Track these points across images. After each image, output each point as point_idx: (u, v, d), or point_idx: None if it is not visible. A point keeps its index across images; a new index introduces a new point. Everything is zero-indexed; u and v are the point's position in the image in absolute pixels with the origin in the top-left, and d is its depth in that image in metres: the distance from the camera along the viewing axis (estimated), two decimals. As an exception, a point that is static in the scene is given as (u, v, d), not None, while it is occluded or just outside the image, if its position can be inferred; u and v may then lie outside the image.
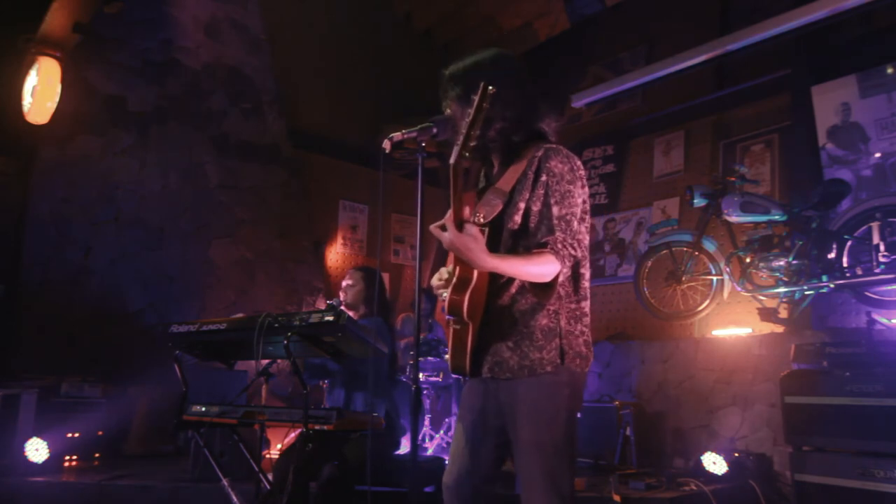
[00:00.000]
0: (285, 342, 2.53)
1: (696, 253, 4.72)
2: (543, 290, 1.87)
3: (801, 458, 3.47)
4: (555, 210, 1.86)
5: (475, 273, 1.84)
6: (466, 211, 1.79)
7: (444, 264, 2.00)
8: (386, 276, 7.13)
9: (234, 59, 6.19)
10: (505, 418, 1.92)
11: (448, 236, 1.73)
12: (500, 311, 1.92)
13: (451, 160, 1.76)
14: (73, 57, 5.33)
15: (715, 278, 4.67)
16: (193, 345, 2.95)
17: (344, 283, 3.65)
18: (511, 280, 1.91)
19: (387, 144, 2.06)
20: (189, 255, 5.70)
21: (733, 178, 4.57)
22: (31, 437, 3.92)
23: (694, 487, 3.65)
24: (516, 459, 1.90)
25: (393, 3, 7.72)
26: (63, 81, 5.16)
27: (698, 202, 4.65)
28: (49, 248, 5.19)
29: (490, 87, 1.69)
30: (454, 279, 1.84)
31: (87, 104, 5.45)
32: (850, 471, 3.24)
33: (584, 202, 1.93)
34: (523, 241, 1.91)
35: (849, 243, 4.17)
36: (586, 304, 1.97)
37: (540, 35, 7.58)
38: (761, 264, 4.42)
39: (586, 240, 1.93)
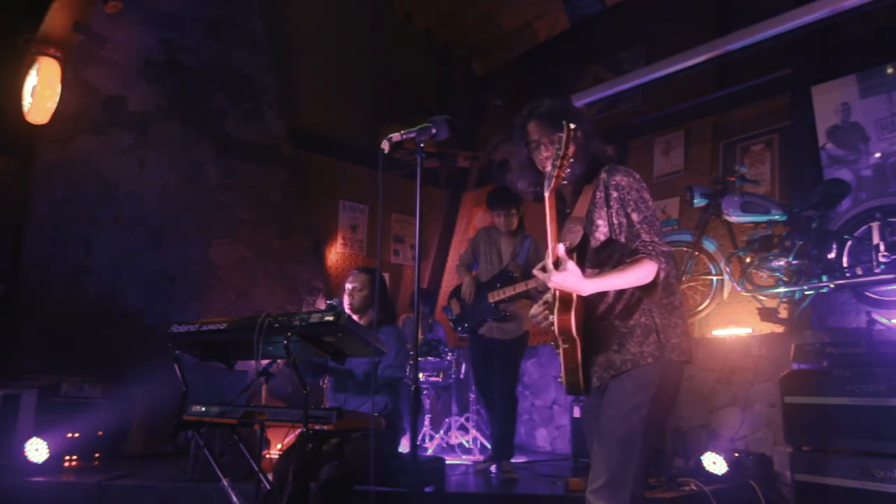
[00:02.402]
0: (285, 342, 2.53)
1: (696, 253, 4.72)
2: (644, 289, 2.02)
3: (801, 458, 3.47)
4: (634, 216, 2.04)
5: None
6: (560, 249, 1.92)
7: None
8: (386, 276, 7.13)
9: (234, 59, 6.19)
10: None
11: (549, 277, 1.91)
12: (600, 320, 2.09)
13: (546, 192, 1.99)
14: (73, 57, 5.33)
15: (715, 278, 4.67)
16: (193, 345, 2.95)
17: (349, 286, 3.60)
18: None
19: (385, 145, 2.08)
20: (189, 255, 5.70)
21: (733, 178, 4.57)
22: (31, 437, 3.91)
23: (694, 487, 3.66)
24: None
25: (393, 3, 7.71)
26: (63, 81, 5.16)
27: (698, 202, 4.65)
28: (49, 248, 5.19)
29: (572, 126, 1.96)
30: (556, 302, 1.98)
31: (87, 104, 5.45)
32: (850, 471, 3.24)
33: (654, 207, 2.11)
34: (608, 255, 2.09)
35: (849, 243, 4.17)
36: (675, 298, 2.12)
37: (540, 35, 7.58)
38: (761, 264, 4.42)
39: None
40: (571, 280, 1.89)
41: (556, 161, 1.98)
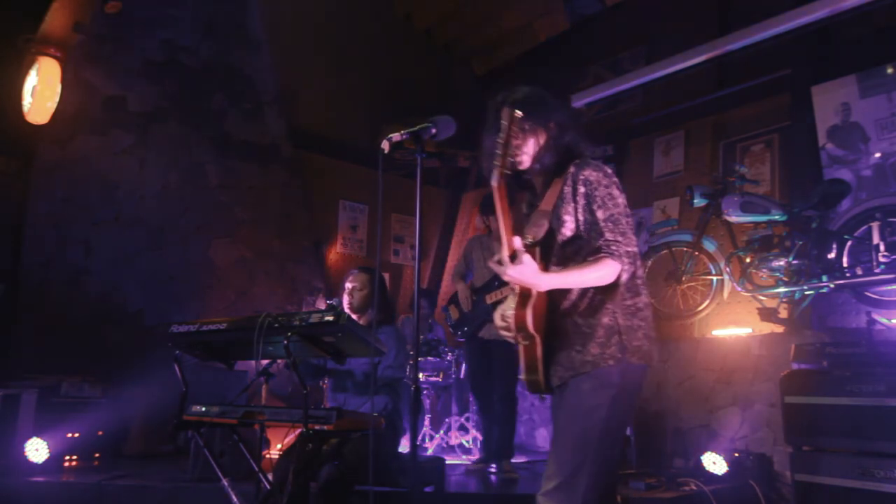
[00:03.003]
0: (285, 342, 2.53)
1: (696, 253, 4.72)
2: (608, 290, 1.96)
3: (801, 458, 3.47)
4: (600, 214, 1.96)
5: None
6: (517, 241, 1.86)
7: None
8: (386, 276, 7.13)
9: (234, 59, 6.19)
10: None
11: (504, 270, 1.85)
12: (562, 319, 2.01)
13: (493, 181, 1.90)
14: (73, 57, 5.33)
15: (715, 278, 4.67)
16: (194, 345, 2.95)
17: (349, 286, 3.59)
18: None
19: (385, 145, 2.08)
20: (189, 255, 5.70)
21: (733, 178, 4.57)
22: (31, 437, 3.91)
23: (694, 487, 3.65)
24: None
25: (393, 3, 7.71)
26: (63, 81, 5.17)
27: (698, 202, 4.65)
28: (49, 248, 5.19)
29: (518, 113, 1.91)
30: (516, 297, 1.92)
31: (87, 104, 5.45)
32: (850, 471, 3.24)
33: (624, 205, 2.02)
34: (573, 251, 2.02)
35: (849, 243, 4.17)
36: (640, 300, 2.04)
37: (540, 35, 7.58)
38: (761, 264, 4.42)
39: (634, 237, 2.01)
40: (527, 274, 1.83)
41: (497, 150, 1.91)
